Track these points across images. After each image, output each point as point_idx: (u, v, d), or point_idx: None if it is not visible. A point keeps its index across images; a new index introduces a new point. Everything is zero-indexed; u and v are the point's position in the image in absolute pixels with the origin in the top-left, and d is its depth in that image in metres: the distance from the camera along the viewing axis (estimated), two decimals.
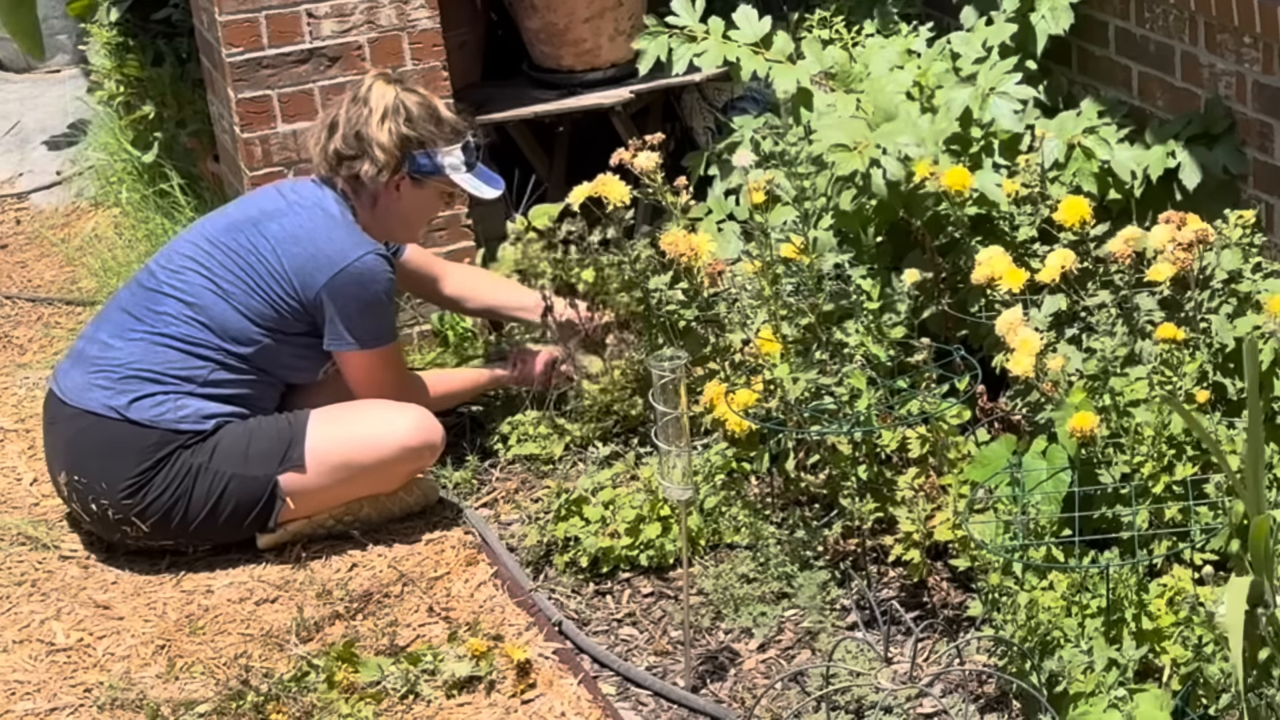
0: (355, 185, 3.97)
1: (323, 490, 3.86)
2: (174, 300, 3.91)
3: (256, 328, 3.90)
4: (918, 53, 4.41)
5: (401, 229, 4.09)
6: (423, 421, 3.92)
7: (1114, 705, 2.89)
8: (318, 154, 4.00)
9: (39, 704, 3.43)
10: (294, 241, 3.91)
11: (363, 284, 3.89)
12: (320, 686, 3.36)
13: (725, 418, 3.68)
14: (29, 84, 7.30)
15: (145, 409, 3.82)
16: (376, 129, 3.92)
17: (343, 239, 3.91)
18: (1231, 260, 3.52)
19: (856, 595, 3.53)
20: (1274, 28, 3.66)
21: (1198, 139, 3.92)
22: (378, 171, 3.93)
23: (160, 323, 3.90)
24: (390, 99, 3.95)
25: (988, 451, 3.37)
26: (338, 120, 3.96)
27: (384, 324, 3.97)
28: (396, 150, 3.93)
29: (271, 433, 3.86)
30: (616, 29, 4.92)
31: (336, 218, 3.95)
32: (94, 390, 3.86)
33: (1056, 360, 3.28)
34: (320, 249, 3.90)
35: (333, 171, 3.98)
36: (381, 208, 3.99)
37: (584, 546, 3.69)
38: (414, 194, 4.01)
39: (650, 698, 3.34)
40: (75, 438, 3.87)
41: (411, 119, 3.95)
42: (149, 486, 3.80)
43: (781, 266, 3.71)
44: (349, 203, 3.98)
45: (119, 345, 3.90)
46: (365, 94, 3.96)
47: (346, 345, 3.93)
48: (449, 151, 3.98)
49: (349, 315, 3.90)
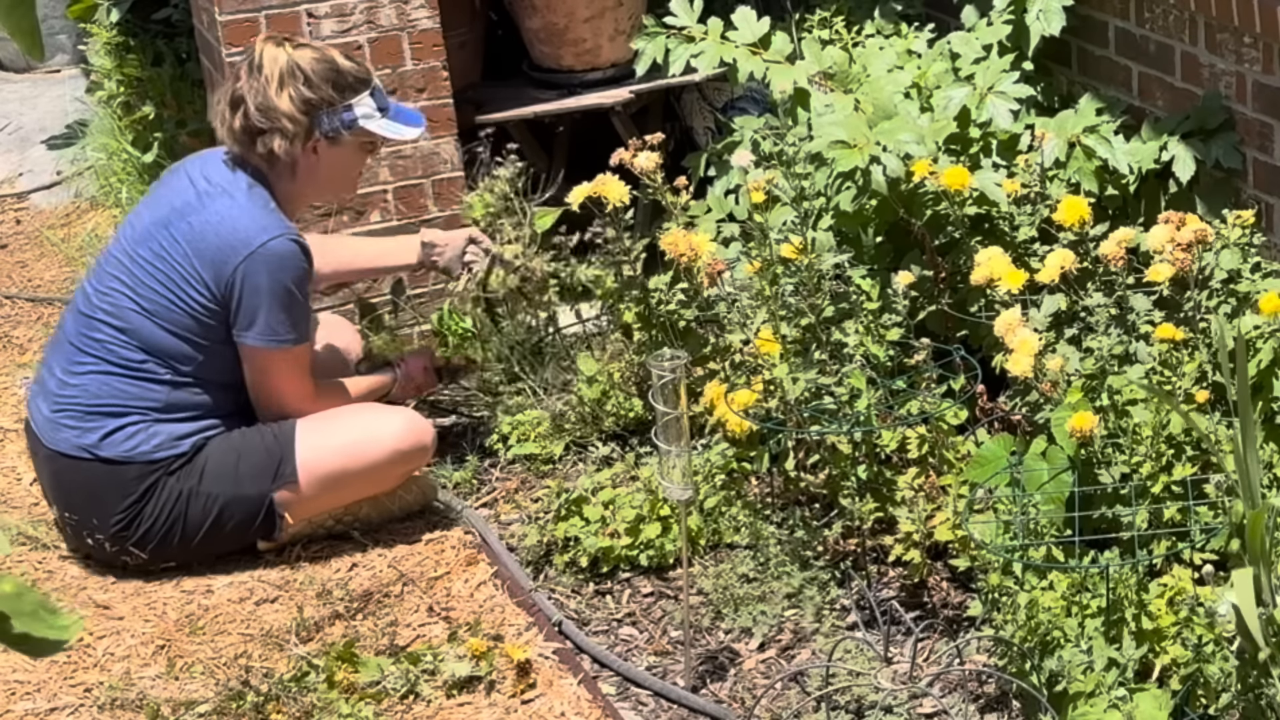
0: (269, 160, 3.78)
1: (318, 499, 3.84)
2: (107, 326, 3.78)
3: (187, 343, 3.76)
4: (918, 53, 4.41)
5: (329, 190, 3.98)
6: (413, 423, 3.89)
7: (1114, 705, 2.89)
8: (225, 133, 3.80)
9: (39, 704, 3.43)
10: (202, 238, 3.74)
11: (272, 268, 3.70)
12: (320, 686, 3.36)
13: (725, 418, 3.68)
14: (29, 84, 7.30)
15: (117, 444, 3.75)
16: (276, 98, 3.73)
17: (251, 223, 3.73)
18: (1230, 260, 3.52)
19: (856, 595, 3.53)
20: (1274, 28, 3.66)
21: (1193, 134, 3.92)
22: (290, 142, 3.75)
23: (102, 351, 3.78)
24: (284, 62, 3.75)
25: (986, 451, 3.37)
26: (241, 94, 3.76)
27: (292, 319, 3.76)
28: (302, 115, 3.75)
29: (259, 449, 3.79)
30: (616, 29, 4.92)
31: (246, 202, 3.76)
32: (62, 430, 3.78)
33: (1055, 360, 3.28)
34: (228, 238, 3.72)
35: (245, 149, 3.79)
36: (303, 175, 3.82)
37: (584, 546, 3.69)
38: (333, 153, 3.83)
39: (650, 698, 3.35)
40: (56, 477, 3.83)
41: (310, 79, 3.75)
42: (140, 518, 3.75)
43: (781, 267, 3.71)
44: (264, 181, 3.81)
45: (72, 381, 3.79)
46: (259, 62, 3.76)
47: (251, 338, 3.74)
48: (358, 101, 3.80)
49: (256, 303, 3.71)
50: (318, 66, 3.77)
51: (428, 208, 4.65)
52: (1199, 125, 3.92)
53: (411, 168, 4.60)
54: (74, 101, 6.69)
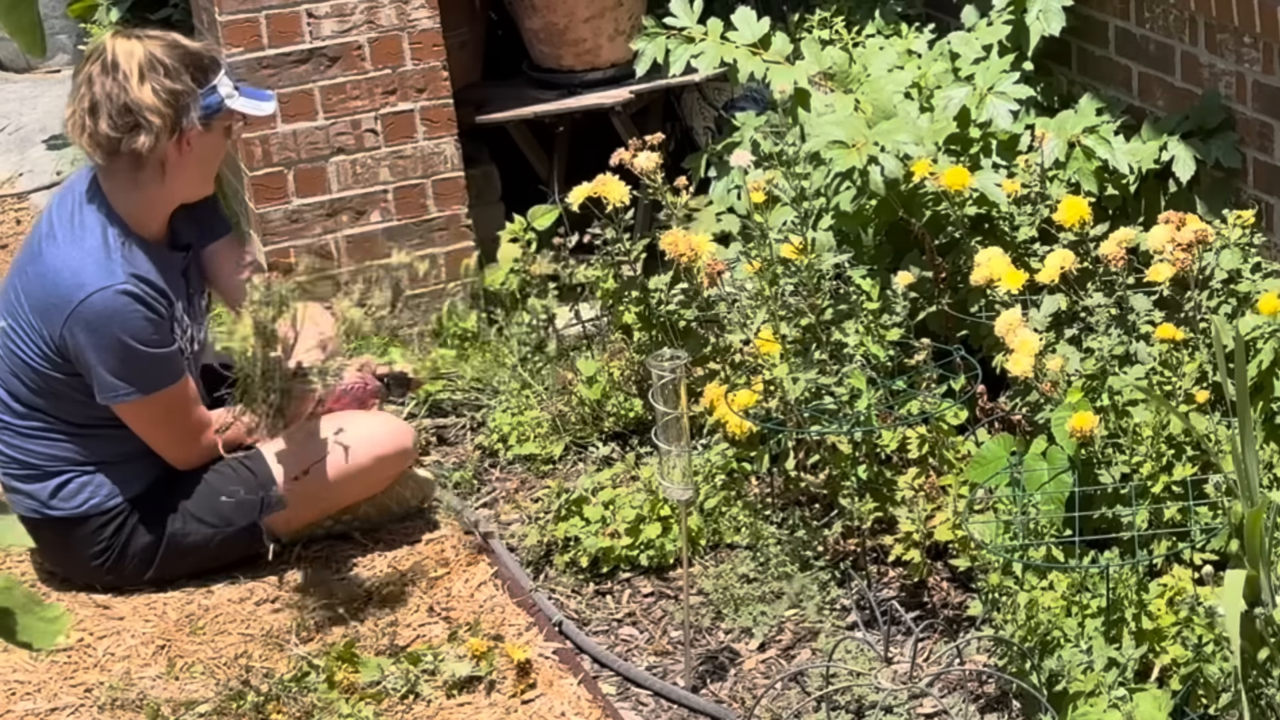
0: (135, 163, 3.55)
1: (310, 511, 3.82)
2: (3, 392, 3.68)
3: (61, 398, 3.62)
4: (917, 53, 4.41)
5: (200, 182, 3.68)
6: (389, 427, 3.87)
7: (1114, 705, 2.89)
8: (87, 143, 3.55)
9: (39, 704, 3.43)
10: (32, 294, 3.58)
11: (94, 326, 3.51)
12: (320, 686, 3.36)
13: (725, 418, 3.68)
14: (29, 84, 7.30)
15: (69, 500, 3.67)
16: (139, 92, 3.50)
17: (71, 277, 3.52)
18: (1231, 260, 3.52)
19: (856, 595, 3.53)
20: (1274, 28, 3.66)
21: (1193, 134, 3.92)
22: (155, 139, 3.52)
23: (10, 416, 3.68)
24: (141, 55, 3.52)
25: (986, 451, 3.38)
26: (95, 98, 3.52)
27: (129, 372, 3.55)
28: (168, 108, 3.52)
29: (235, 482, 3.72)
30: (616, 29, 4.92)
31: (70, 248, 3.56)
32: (14, 494, 3.66)
33: (1055, 361, 3.28)
34: (50, 294, 3.54)
35: (109, 156, 3.55)
36: (173, 171, 3.59)
37: (584, 546, 3.69)
38: (203, 140, 3.60)
39: (650, 698, 3.34)
40: (30, 534, 3.77)
41: (170, 69, 3.52)
42: (123, 558, 3.72)
43: (781, 267, 3.71)
44: (108, 209, 3.59)
45: (3, 450, 3.70)
46: (112, 59, 3.52)
47: (98, 394, 3.57)
48: (219, 82, 3.59)
49: (88, 361, 3.54)
50: (173, 54, 3.56)
51: (427, 208, 4.65)
52: (1199, 125, 3.92)
53: (411, 168, 4.60)
54: None
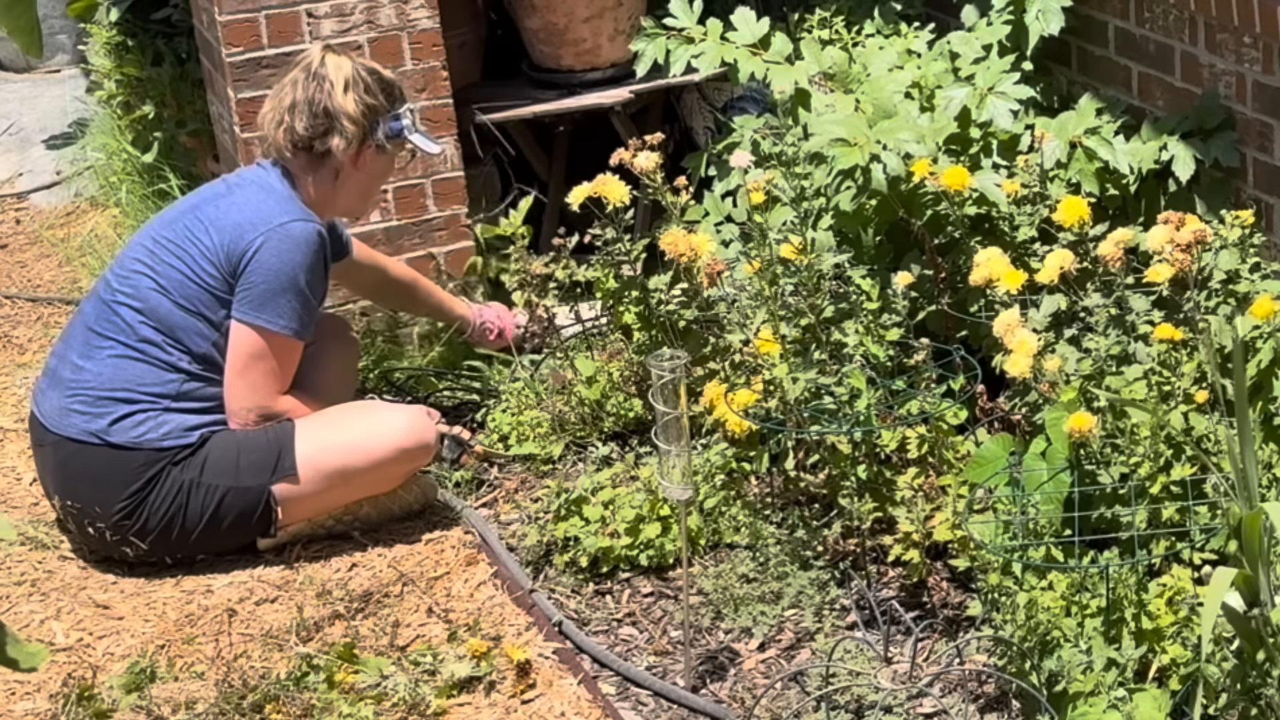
0: (316, 162, 3.91)
1: (319, 496, 3.84)
2: (128, 309, 3.84)
3: (201, 319, 3.81)
4: (917, 53, 4.41)
5: (360, 200, 4.05)
6: (416, 421, 3.90)
7: (1113, 705, 2.89)
8: (282, 136, 3.90)
9: (39, 704, 3.43)
10: (226, 216, 3.85)
11: (286, 249, 3.80)
12: (320, 686, 3.36)
13: (725, 418, 3.68)
14: (29, 84, 7.30)
15: (126, 430, 3.78)
16: (342, 101, 3.87)
17: (276, 206, 3.85)
18: (1230, 260, 3.52)
19: (856, 595, 3.53)
20: (1274, 28, 3.66)
21: (1192, 134, 3.92)
22: (347, 144, 3.88)
23: (122, 335, 3.83)
24: (349, 70, 3.90)
25: (985, 452, 3.38)
26: (297, 100, 3.88)
27: (292, 308, 3.82)
28: (364, 120, 3.89)
29: (260, 443, 3.81)
30: (616, 29, 4.92)
31: (276, 191, 3.88)
32: (72, 415, 3.81)
33: (1054, 361, 3.28)
34: (250, 216, 3.83)
35: (295, 151, 3.90)
36: (344, 180, 3.94)
37: (584, 546, 3.69)
38: (377, 161, 3.96)
39: (650, 698, 3.35)
40: (61, 464, 3.84)
41: (370, 87, 3.91)
42: (143, 506, 3.77)
43: (780, 267, 3.71)
44: (295, 182, 3.91)
45: (88, 366, 3.84)
46: (320, 69, 3.89)
47: (246, 313, 3.80)
48: (404, 113, 3.97)
49: (261, 280, 3.79)
50: (374, 77, 3.93)
51: (427, 207, 4.65)
52: (1198, 125, 3.92)
53: (411, 168, 4.60)
54: (74, 101, 6.70)
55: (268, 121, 3.94)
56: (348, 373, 4.23)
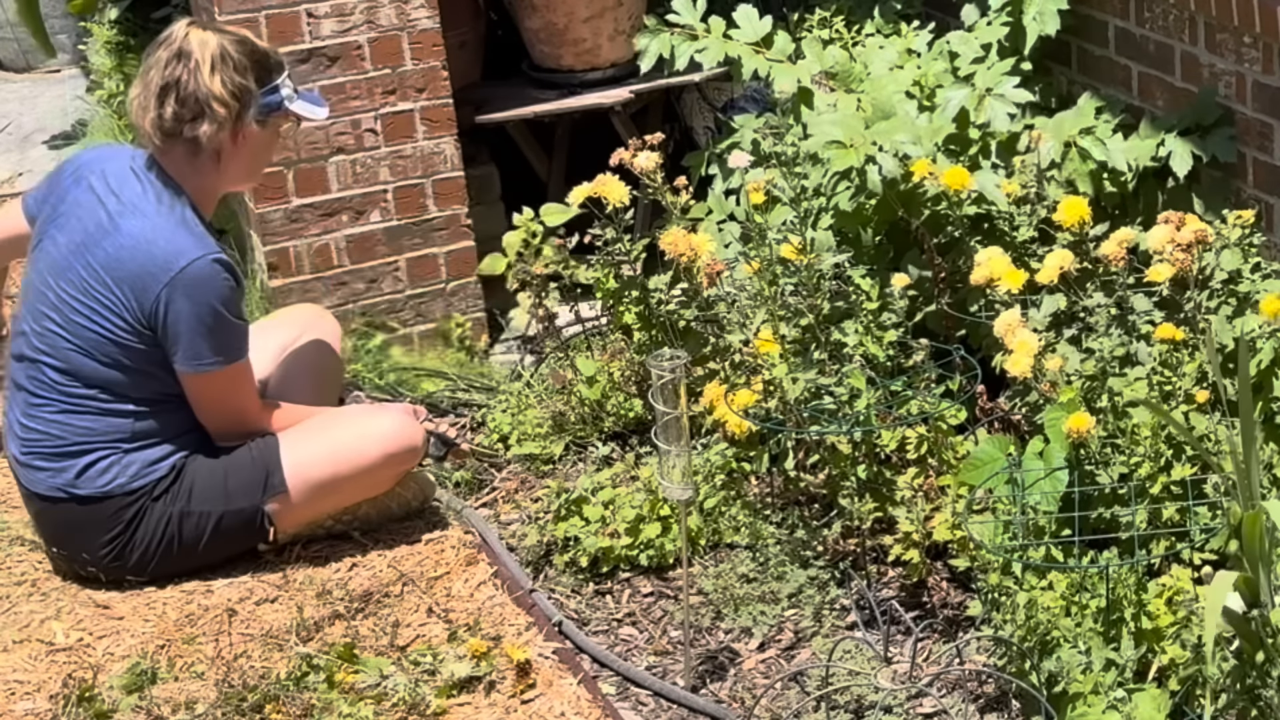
0: (192, 150, 3.66)
1: (311, 506, 3.80)
2: (50, 369, 3.69)
3: (127, 372, 3.66)
4: (918, 52, 4.41)
5: (247, 176, 3.84)
6: (402, 424, 3.86)
7: (1113, 705, 2.89)
8: (150, 125, 3.64)
9: (39, 704, 3.43)
10: (119, 265, 3.63)
11: (193, 294, 3.60)
12: (320, 686, 3.36)
13: (725, 418, 3.68)
14: (29, 84, 7.30)
15: (93, 480, 3.68)
16: (209, 82, 3.61)
17: (168, 245, 3.62)
18: (1231, 260, 3.52)
19: (856, 595, 3.53)
20: (1274, 28, 3.66)
21: (1190, 131, 3.92)
22: (218, 128, 3.64)
23: (55, 393, 3.69)
24: (214, 47, 3.63)
25: (981, 453, 3.37)
26: (169, 82, 3.62)
27: (217, 343, 3.65)
28: (234, 100, 3.64)
29: (245, 464, 3.74)
30: (616, 28, 4.92)
31: (159, 220, 3.65)
32: (36, 472, 3.71)
33: (1054, 361, 3.28)
34: (145, 263, 3.61)
35: (167, 140, 3.65)
36: (226, 163, 3.70)
37: (584, 546, 3.70)
38: (258, 137, 3.72)
39: (650, 697, 3.35)
40: (38, 517, 3.79)
41: (239, 64, 3.64)
42: (131, 545, 3.71)
43: (780, 267, 3.71)
44: (175, 185, 3.68)
45: (34, 426, 3.71)
46: (183, 47, 3.63)
47: (179, 363, 3.64)
48: (282, 83, 3.73)
49: (179, 330, 3.61)
50: (243, 50, 3.68)
51: (427, 207, 4.64)
52: (1195, 122, 3.92)
53: (411, 168, 4.60)
54: (74, 101, 6.69)
55: (135, 109, 3.69)
56: (329, 356, 4.15)
